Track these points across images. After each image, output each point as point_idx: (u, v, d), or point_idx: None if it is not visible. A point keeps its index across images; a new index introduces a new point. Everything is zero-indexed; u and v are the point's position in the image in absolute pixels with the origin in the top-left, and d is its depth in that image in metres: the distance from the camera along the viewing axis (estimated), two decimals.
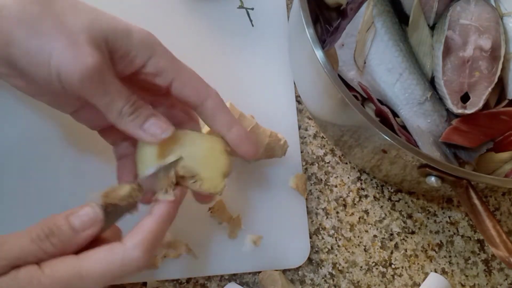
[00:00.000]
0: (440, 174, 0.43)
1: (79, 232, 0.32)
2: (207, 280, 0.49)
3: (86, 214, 0.32)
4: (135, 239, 0.32)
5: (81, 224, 0.32)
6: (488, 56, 0.49)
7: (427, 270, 0.53)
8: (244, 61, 0.56)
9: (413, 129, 0.49)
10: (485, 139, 0.49)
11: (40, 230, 0.31)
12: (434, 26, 0.52)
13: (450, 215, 0.56)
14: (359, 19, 0.49)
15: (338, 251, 0.52)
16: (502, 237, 0.41)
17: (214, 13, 0.57)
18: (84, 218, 0.32)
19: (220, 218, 0.49)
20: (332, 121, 0.51)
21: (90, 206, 0.33)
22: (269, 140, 0.48)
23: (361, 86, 0.50)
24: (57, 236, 0.31)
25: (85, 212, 0.32)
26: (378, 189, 0.56)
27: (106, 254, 0.31)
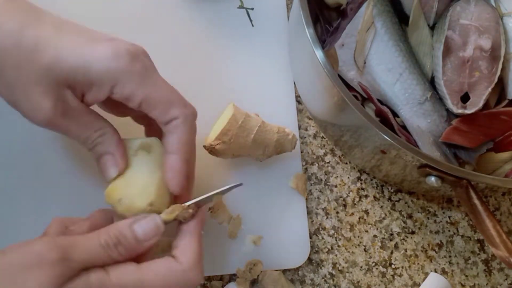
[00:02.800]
0: (440, 174, 0.43)
1: (143, 243, 0.34)
2: (207, 280, 0.49)
3: (149, 225, 0.35)
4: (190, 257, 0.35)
5: (144, 234, 0.34)
6: (488, 56, 0.49)
7: (427, 270, 0.53)
8: (244, 61, 0.56)
9: (413, 129, 0.49)
10: (485, 139, 0.49)
11: (108, 238, 0.33)
12: (434, 26, 0.52)
13: (450, 215, 0.56)
14: (359, 19, 0.49)
15: (338, 251, 0.52)
16: (502, 237, 0.41)
17: (214, 13, 0.57)
18: (146, 229, 0.35)
19: (220, 218, 0.49)
20: (332, 121, 0.51)
21: (152, 217, 0.35)
22: (277, 136, 0.48)
23: (361, 86, 0.50)
24: (123, 246, 0.33)
25: (147, 222, 0.35)
26: (378, 189, 0.56)
27: (166, 271, 0.34)
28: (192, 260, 0.35)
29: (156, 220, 0.35)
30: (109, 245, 0.33)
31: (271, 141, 0.48)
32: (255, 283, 0.49)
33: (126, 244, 0.33)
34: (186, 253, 0.35)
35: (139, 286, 0.32)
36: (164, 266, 0.34)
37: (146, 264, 0.34)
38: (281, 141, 0.49)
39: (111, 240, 0.33)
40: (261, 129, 0.47)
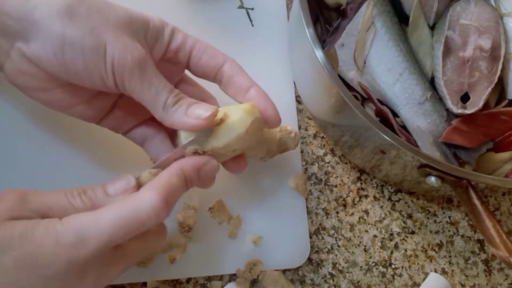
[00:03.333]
0: (440, 174, 0.43)
1: (111, 197, 0.33)
2: (207, 280, 0.49)
3: (120, 182, 0.34)
4: (149, 187, 0.33)
5: (114, 189, 0.33)
6: (488, 56, 0.49)
7: (427, 270, 0.53)
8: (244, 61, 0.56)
9: (413, 129, 0.49)
10: (485, 139, 0.49)
11: (75, 190, 0.33)
12: (434, 26, 0.52)
13: (450, 215, 0.56)
14: (359, 19, 0.50)
15: (338, 251, 0.52)
16: (502, 237, 0.41)
17: (214, 13, 0.57)
18: (117, 185, 0.34)
19: (220, 218, 0.49)
20: (332, 121, 0.51)
21: (125, 177, 0.34)
22: (280, 135, 0.48)
23: (361, 86, 0.50)
24: (89, 196, 0.32)
25: (119, 181, 0.34)
26: (378, 189, 0.56)
27: (119, 201, 0.32)
28: (152, 189, 0.32)
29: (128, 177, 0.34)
30: (72, 194, 0.32)
31: (274, 140, 0.48)
32: (255, 283, 0.49)
33: (92, 196, 0.33)
34: (150, 183, 0.33)
35: (92, 224, 0.30)
36: (119, 198, 0.33)
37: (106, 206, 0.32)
38: (284, 139, 0.49)
39: (76, 190, 0.32)
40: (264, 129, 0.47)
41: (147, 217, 0.31)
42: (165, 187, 0.32)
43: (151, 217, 0.31)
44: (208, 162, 0.37)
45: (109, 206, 0.31)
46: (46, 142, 0.49)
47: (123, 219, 0.31)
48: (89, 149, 0.49)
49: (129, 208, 0.31)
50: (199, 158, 0.37)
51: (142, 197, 0.32)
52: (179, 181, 0.34)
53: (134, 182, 0.34)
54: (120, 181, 0.34)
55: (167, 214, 0.32)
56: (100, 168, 0.49)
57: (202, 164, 0.37)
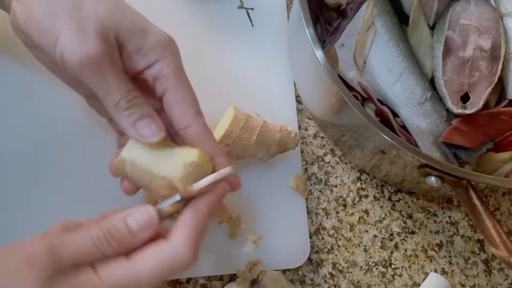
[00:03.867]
0: (440, 174, 0.43)
1: (136, 235, 0.32)
2: (207, 280, 0.49)
3: (142, 217, 0.33)
4: (180, 236, 0.33)
5: (138, 227, 0.32)
6: (488, 56, 0.49)
7: (427, 270, 0.53)
8: (244, 61, 0.56)
9: (413, 129, 0.49)
10: (485, 139, 0.49)
11: (101, 232, 0.31)
12: (434, 26, 0.52)
13: (450, 215, 0.56)
14: (359, 19, 0.49)
15: (338, 251, 0.52)
16: (502, 237, 0.41)
17: (214, 13, 0.57)
18: (140, 221, 0.33)
19: (220, 218, 0.49)
20: (332, 121, 0.51)
21: (145, 209, 0.33)
22: (280, 135, 0.48)
23: (361, 86, 0.50)
24: (116, 240, 0.32)
25: (141, 214, 0.33)
26: (378, 189, 0.56)
27: (156, 255, 0.32)
28: (183, 238, 0.33)
29: (149, 210, 0.33)
30: (100, 240, 0.31)
31: (274, 140, 0.48)
32: (255, 283, 0.49)
33: (119, 238, 0.32)
34: (178, 231, 0.33)
35: (132, 280, 0.31)
36: (153, 250, 0.32)
37: (136, 254, 0.32)
38: (284, 139, 0.49)
39: (103, 234, 0.31)
40: (263, 129, 0.47)
41: (180, 270, 0.32)
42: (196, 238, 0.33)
43: (184, 269, 0.33)
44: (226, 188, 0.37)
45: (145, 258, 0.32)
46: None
47: (159, 274, 0.32)
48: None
49: (165, 263, 0.32)
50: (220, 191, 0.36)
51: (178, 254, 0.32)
52: (205, 223, 0.35)
53: (157, 217, 0.33)
54: (140, 213, 0.33)
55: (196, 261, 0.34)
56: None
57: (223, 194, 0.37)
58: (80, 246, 0.31)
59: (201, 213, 0.34)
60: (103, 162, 0.49)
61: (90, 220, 0.35)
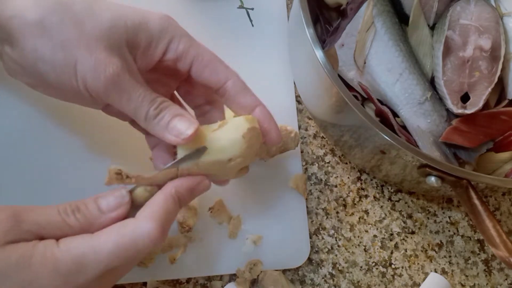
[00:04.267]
0: (440, 174, 0.43)
1: (105, 213, 0.32)
2: (207, 280, 0.49)
3: (114, 198, 0.33)
4: (145, 212, 0.33)
5: (107, 205, 0.33)
6: (488, 56, 0.49)
7: (427, 270, 0.53)
8: (244, 61, 0.56)
9: (413, 129, 0.49)
10: (485, 139, 0.49)
11: (68, 206, 0.32)
12: (434, 26, 0.52)
13: (450, 215, 0.56)
14: (359, 19, 0.49)
15: (338, 251, 0.52)
16: (502, 237, 0.41)
17: (214, 13, 0.57)
18: (111, 200, 0.33)
19: (220, 218, 0.49)
20: (332, 121, 0.51)
21: (118, 191, 0.33)
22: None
23: (361, 86, 0.50)
24: (82, 212, 0.32)
25: (113, 196, 0.33)
26: (378, 189, 0.56)
27: (118, 228, 0.32)
28: (148, 214, 0.32)
29: (122, 192, 0.33)
30: (66, 211, 0.31)
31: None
32: (255, 283, 0.49)
33: (86, 212, 0.32)
34: (144, 208, 0.33)
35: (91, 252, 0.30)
36: (116, 225, 0.32)
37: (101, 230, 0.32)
38: (284, 139, 0.49)
39: (69, 207, 0.32)
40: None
41: (145, 246, 0.32)
42: (161, 215, 0.33)
43: (149, 246, 0.32)
44: (201, 183, 0.37)
45: (107, 232, 0.31)
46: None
47: (121, 248, 0.31)
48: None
49: (127, 237, 0.31)
50: (193, 180, 0.36)
51: (140, 227, 0.32)
52: (173, 204, 0.34)
53: (128, 198, 0.33)
54: (112, 195, 0.33)
55: (163, 240, 0.33)
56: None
57: (196, 185, 0.36)
58: (44, 214, 0.31)
59: (168, 194, 0.34)
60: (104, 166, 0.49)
61: None
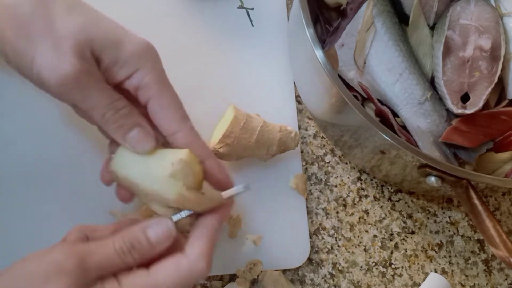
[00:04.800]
0: (440, 174, 0.43)
1: (155, 247, 0.34)
2: (207, 280, 0.49)
3: (162, 230, 0.34)
4: (196, 250, 0.34)
5: (157, 238, 0.34)
6: (488, 56, 0.49)
7: (427, 270, 0.53)
8: (244, 61, 0.56)
9: (413, 129, 0.49)
10: (485, 139, 0.49)
11: (123, 243, 0.33)
12: (434, 26, 0.52)
13: (450, 215, 0.56)
14: (359, 19, 0.49)
15: (338, 251, 0.52)
16: (502, 237, 0.41)
17: (214, 13, 0.57)
18: (159, 233, 0.34)
19: None
20: (332, 121, 0.51)
21: (164, 222, 0.35)
22: (280, 135, 0.48)
23: (361, 86, 0.50)
24: (137, 250, 0.33)
25: (160, 227, 0.34)
26: (378, 189, 0.56)
27: (175, 268, 0.33)
28: (199, 251, 0.34)
29: (168, 223, 0.35)
30: (123, 251, 0.33)
31: (274, 140, 0.48)
32: (255, 283, 0.49)
33: (140, 249, 0.33)
34: (194, 245, 0.35)
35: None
36: (172, 264, 0.34)
37: (156, 266, 0.33)
38: (284, 139, 0.49)
39: (125, 246, 0.33)
40: (263, 129, 0.47)
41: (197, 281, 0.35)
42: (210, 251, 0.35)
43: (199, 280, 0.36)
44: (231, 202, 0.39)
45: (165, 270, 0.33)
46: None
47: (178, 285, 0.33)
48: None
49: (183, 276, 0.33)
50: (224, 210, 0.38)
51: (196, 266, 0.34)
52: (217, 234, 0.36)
53: (175, 231, 0.35)
54: (160, 227, 0.34)
55: None
56: None
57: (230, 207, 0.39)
58: (105, 256, 0.32)
59: (213, 227, 0.36)
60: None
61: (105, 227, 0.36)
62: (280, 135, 0.48)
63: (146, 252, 0.34)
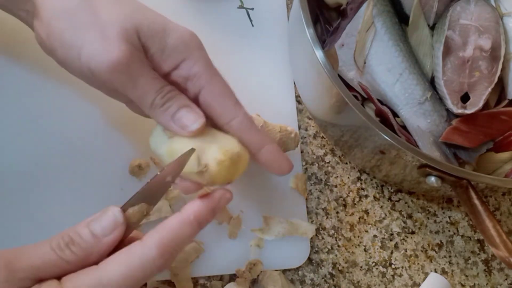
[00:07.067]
0: (440, 174, 0.43)
1: (101, 238, 0.30)
2: (207, 280, 0.49)
3: (107, 219, 0.31)
4: (155, 237, 0.31)
5: (102, 229, 0.31)
6: (488, 56, 0.49)
7: (427, 270, 0.53)
8: (244, 61, 0.56)
9: (413, 129, 0.49)
10: (485, 139, 0.49)
11: (60, 239, 0.30)
12: (434, 26, 0.52)
13: (450, 215, 0.56)
14: (359, 19, 0.49)
15: (338, 251, 0.52)
16: (502, 237, 0.41)
17: (214, 13, 0.57)
18: (104, 223, 0.31)
19: (220, 218, 0.49)
20: (332, 121, 0.51)
21: (110, 211, 0.31)
22: (280, 135, 0.48)
23: (361, 86, 0.50)
24: (77, 244, 0.30)
25: (106, 217, 0.31)
26: (378, 189, 0.56)
27: (125, 257, 0.30)
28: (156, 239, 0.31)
29: (114, 212, 0.31)
30: (60, 247, 0.29)
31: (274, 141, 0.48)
32: (255, 283, 0.49)
33: (81, 243, 0.30)
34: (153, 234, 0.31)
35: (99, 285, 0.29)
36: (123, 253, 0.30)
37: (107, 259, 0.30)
38: (284, 139, 0.49)
39: (63, 241, 0.30)
40: (263, 129, 0.47)
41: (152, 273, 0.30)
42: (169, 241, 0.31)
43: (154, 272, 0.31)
44: (223, 196, 0.35)
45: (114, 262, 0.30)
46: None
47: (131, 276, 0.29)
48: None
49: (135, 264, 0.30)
50: (213, 200, 0.34)
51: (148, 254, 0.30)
52: (191, 230, 0.33)
53: (121, 218, 0.31)
54: (104, 216, 0.31)
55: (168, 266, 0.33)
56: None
57: (217, 203, 0.35)
58: (39, 255, 0.29)
59: (186, 220, 0.33)
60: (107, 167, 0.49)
61: None
62: (280, 136, 0.48)
63: (90, 246, 0.30)
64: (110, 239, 0.31)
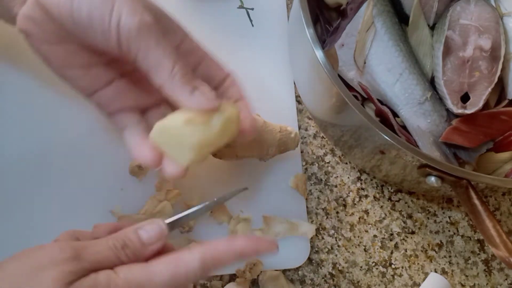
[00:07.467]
0: (440, 174, 0.43)
1: (147, 247, 0.34)
2: (207, 280, 0.49)
3: (153, 230, 0.35)
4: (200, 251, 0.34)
5: (149, 238, 0.35)
6: (488, 56, 0.49)
7: (427, 270, 0.53)
8: (244, 61, 0.56)
9: (413, 129, 0.49)
10: (485, 139, 0.49)
11: (116, 241, 0.34)
12: (434, 26, 0.52)
13: (450, 215, 0.56)
14: (359, 19, 0.49)
15: (338, 251, 0.52)
16: (502, 237, 0.41)
17: (214, 13, 0.57)
18: (151, 233, 0.35)
19: (220, 218, 0.49)
20: (332, 121, 0.51)
21: (156, 222, 0.35)
22: (280, 135, 0.48)
23: (361, 86, 0.50)
24: (130, 248, 0.34)
25: (152, 227, 0.35)
26: (378, 189, 0.56)
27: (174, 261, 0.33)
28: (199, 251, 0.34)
29: (160, 224, 0.35)
30: (116, 247, 0.33)
31: (274, 141, 0.48)
32: (255, 283, 0.49)
33: (132, 247, 0.34)
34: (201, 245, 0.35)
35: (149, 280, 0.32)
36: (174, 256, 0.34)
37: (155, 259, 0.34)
38: (284, 139, 0.49)
39: (118, 243, 0.33)
40: (263, 129, 0.47)
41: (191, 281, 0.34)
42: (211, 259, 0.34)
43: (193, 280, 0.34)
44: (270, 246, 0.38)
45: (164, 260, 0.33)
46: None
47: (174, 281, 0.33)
48: None
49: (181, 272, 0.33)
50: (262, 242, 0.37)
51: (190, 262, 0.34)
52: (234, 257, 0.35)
53: (166, 230, 0.35)
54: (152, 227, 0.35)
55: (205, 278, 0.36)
56: None
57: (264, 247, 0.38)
58: (99, 250, 0.33)
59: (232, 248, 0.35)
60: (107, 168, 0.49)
61: (91, 231, 0.37)
62: (280, 136, 0.48)
63: (139, 251, 0.34)
64: (154, 248, 0.35)
